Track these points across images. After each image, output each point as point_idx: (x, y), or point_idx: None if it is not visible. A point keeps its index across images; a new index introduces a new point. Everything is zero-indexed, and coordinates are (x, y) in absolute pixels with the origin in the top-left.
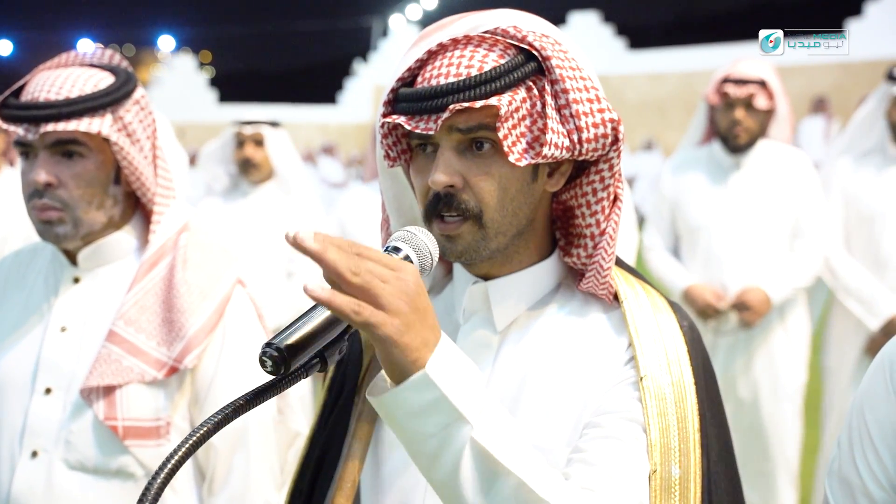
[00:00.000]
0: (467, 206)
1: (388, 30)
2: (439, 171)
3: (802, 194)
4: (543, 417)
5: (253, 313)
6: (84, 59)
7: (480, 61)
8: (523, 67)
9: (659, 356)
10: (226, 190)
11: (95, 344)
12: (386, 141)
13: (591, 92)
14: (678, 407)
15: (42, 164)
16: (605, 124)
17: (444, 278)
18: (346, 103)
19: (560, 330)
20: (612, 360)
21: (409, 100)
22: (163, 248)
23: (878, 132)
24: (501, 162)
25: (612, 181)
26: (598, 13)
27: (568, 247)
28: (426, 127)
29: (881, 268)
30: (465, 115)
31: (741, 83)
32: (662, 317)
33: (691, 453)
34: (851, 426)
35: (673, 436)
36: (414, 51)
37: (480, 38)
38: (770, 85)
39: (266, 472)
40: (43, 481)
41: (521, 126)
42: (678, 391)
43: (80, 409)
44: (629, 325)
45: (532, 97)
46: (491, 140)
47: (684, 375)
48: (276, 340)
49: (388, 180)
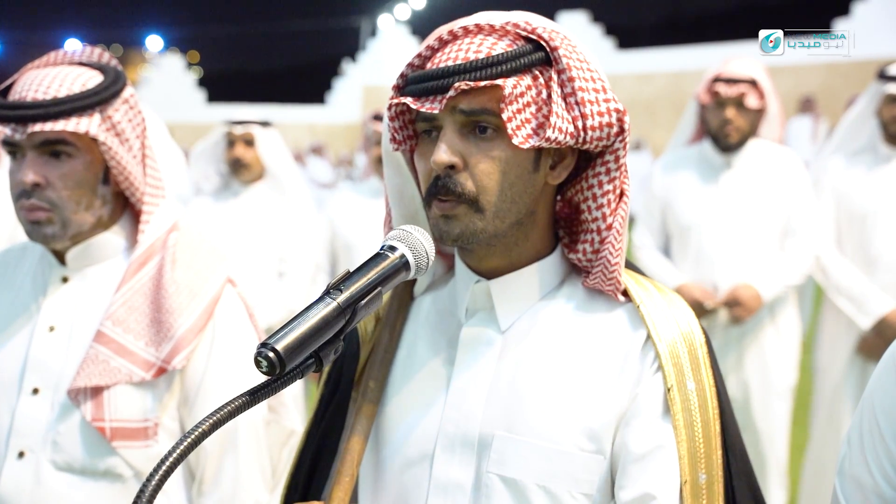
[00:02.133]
0: (464, 188)
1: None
2: (440, 151)
3: (793, 193)
4: (549, 416)
5: (243, 312)
6: (73, 58)
7: (489, 48)
8: (531, 55)
9: (682, 359)
10: (216, 190)
11: (84, 344)
12: (393, 124)
13: (597, 83)
14: (702, 411)
15: (30, 164)
16: (611, 113)
17: (445, 275)
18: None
19: (565, 327)
20: (624, 358)
21: (417, 81)
22: (152, 247)
23: (869, 131)
24: (504, 146)
25: (618, 174)
26: (586, 13)
27: (573, 243)
28: (431, 107)
29: (872, 267)
30: (469, 97)
31: (732, 82)
32: (679, 312)
33: (714, 455)
34: (862, 425)
35: (699, 442)
36: (427, 41)
37: (491, 27)
38: (761, 84)
39: (256, 474)
40: (30, 482)
41: (526, 112)
42: (701, 395)
43: (68, 410)
44: (649, 329)
45: (538, 86)
46: (494, 125)
47: (706, 378)
48: (272, 341)
49: (391, 170)
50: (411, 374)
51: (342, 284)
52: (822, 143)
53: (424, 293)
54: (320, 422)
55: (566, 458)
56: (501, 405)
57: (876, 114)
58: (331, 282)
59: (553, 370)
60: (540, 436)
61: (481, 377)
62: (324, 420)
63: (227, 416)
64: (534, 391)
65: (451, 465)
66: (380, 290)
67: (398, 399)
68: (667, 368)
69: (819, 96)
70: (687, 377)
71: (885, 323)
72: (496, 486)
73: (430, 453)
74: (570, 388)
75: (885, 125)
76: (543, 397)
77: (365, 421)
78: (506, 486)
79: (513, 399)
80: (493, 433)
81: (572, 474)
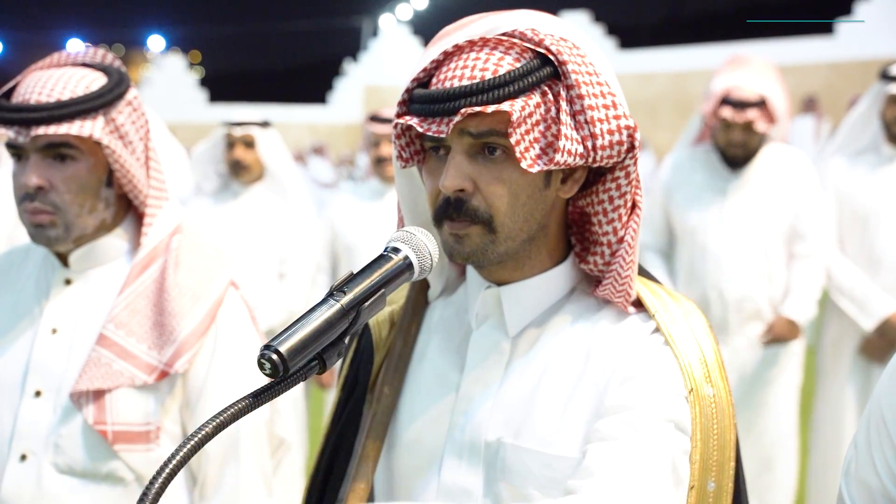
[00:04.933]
0: (477, 211)
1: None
2: (449, 176)
3: (801, 197)
4: (556, 423)
5: (246, 316)
6: (76, 59)
7: (495, 64)
8: (538, 72)
9: (698, 366)
10: (216, 191)
11: (86, 347)
12: (399, 141)
13: (607, 98)
14: (719, 420)
15: (33, 167)
16: (621, 131)
17: (458, 279)
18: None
19: (574, 335)
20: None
21: (423, 101)
22: (155, 250)
23: (872, 131)
24: (513, 167)
25: (629, 188)
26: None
27: (584, 253)
28: (437, 130)
29: (875, 267)
30: (478, 120)
31: (740, 107)
32: (693, 320)
33: (727, 465)
34: (870, 427)
35: (713, 450)
36: (431, 51)
37: (497, 40)
38: (771, 102)
39: (258, 478)
40: (32, 485)
41: (535, 131)
42: (719, 403)
43: (70, 413)
44: (666, 337)
45: (547, 102)
46: (503, 145)
47: (722, 385)
48: (275, 343)
49: (404, 181)
50: (422, 379)
51: (346, 286)
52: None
53: (438, 298)
54: (336, 425)
55: (574, 466)
56: (509, 412)
57: (879, 114)
58: (334, 284)
59: (561, 377)
60: (547, 443)
61: (489, 384)
62: (340, 424)
63: (230, 418)
64: (542, 398)
65: (459, 471)
66: (384, 292)
67: (410, 404)
68: (685, 371)
69: (822, 96)
70: (704, 384)
71: (888, 324)
72: (504, 493)
73: (438, 459)
74: (578, 395)
75: (888, 125)
76: (551, 404)
77: (380, 427)
78: (513, 493)
79: (520, 406)
80: (501, 440)
81: None
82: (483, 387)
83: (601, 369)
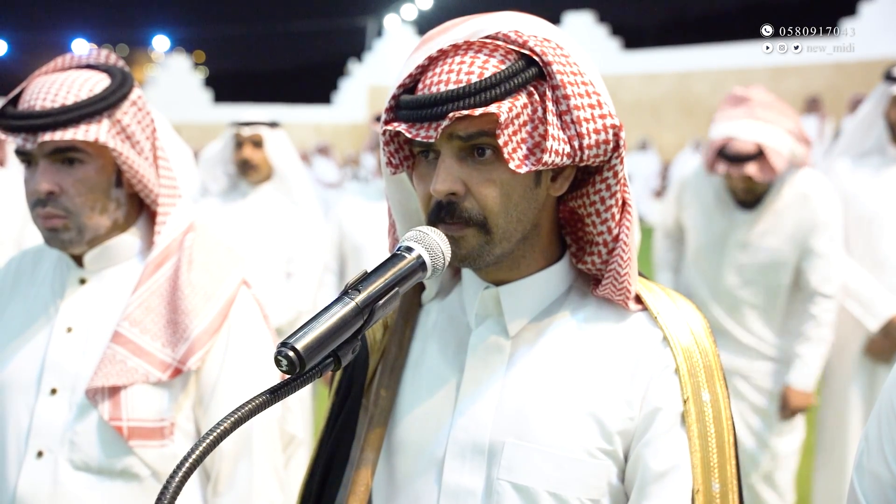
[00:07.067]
0: (470, 214)
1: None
2: (440, 180)
3: (817, 227)
4: (559, 422)
5: (258, 314)
6: (80, 61)
7: (481, 67)
8: (524, 73)
9: (698, 369)
10: (224, 190)
11: (101, 345)
12: (388, 148)
13: (592, 97)
14: (717, 422)
15: (43, 172)
16: (607, 130)
17: (452, 280)
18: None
19: (574, 333)
20: (636, 363)
21: (410, 107)
22: (168, 248)
23: (877, 132)
24: (503, 168)
25: (618, 188)
26: (592, 13)
27: (580, 253)
28: (426, 135)
29: (880, 268)
30: (466, 123)
31: (736, 161)
32: (692, 320)
33: (728, 465)
34: (881, 420)
35: (712, 452)
36: (415, 56)
37: (481, 43)
38: (770, 150)
39: (270, 474)
40: (48, 482)
41: (522, 132)
42: (716, 406)
43: (86, 410)
44: (667, 337)
45: (533, 102)
46: (492, 146)
47: (720, 388)
48: (292, 340)
49: (393, 186)
50: (421, 381)
51: (360, 285)
52: (828, 143)
53: (432, 300)
54: (332, 430)
55: (576, 465)
56: (511, 411)
57: (883, 115)
58: (349, 282)
59: (562, 376)
60: (550, 442)
61: (491, 384)
62: (335, 429)
63: (247, 414)
64: (543, 397)
65: (462, 472)
66: (397, 291)
67: (409, 406)
68: (683, 379)
69: (825, 96)
70: (702, 388)
71: (892, 325)
72: (507, 493)
73: (440, 460)
74: (579, 394)
75: (893, 127)
76: (553, 403)
77: (378, 430)
78: (516, 492)
79: (522, 405)
80: (504, 440)
81: (583, 480)
82: (485, 387)
83: (604, 366)
